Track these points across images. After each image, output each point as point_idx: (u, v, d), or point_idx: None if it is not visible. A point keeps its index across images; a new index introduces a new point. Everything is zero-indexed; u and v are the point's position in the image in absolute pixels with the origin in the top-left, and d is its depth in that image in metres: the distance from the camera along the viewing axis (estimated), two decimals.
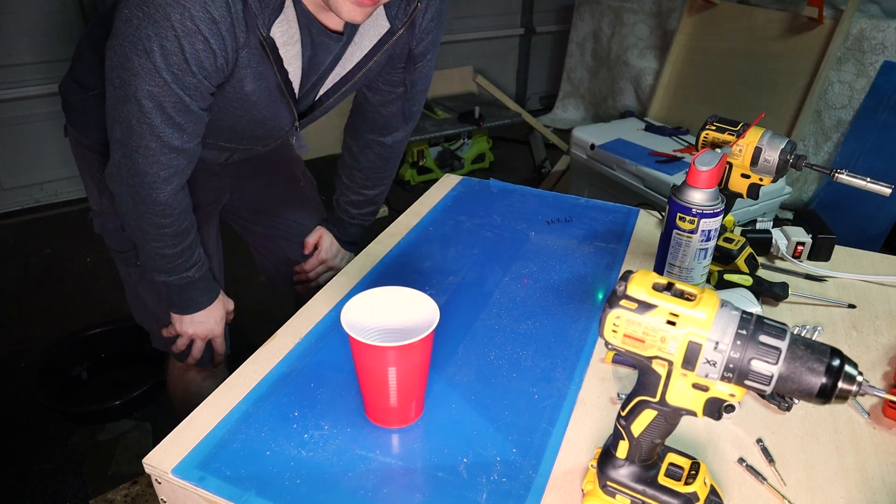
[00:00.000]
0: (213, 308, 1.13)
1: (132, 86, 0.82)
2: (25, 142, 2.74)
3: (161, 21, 0.78)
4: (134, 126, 0.86)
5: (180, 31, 0.79)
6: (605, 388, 0.82)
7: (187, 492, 0.68)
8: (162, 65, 0.81)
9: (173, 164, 0.92)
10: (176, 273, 1.04)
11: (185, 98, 0.85)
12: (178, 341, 1.14)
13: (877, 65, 2.47)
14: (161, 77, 0.82)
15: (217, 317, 1.15)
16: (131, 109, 0.85)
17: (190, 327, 1.12)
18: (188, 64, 0.82)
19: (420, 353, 0.70)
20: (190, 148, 0.92)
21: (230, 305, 1.19)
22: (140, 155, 0.89)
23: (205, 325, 1.13)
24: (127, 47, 0.80)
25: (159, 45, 0.79)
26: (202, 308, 1.11)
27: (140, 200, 0.94)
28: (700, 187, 0.87)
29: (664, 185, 2.22)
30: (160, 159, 0.90)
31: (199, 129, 0.92)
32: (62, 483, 1.59)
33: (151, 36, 0.78)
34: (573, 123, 3.89)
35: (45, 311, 2.21)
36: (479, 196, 1.30)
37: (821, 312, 0.97)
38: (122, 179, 0.92)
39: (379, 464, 0.69)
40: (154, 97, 0.83)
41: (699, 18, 3.02)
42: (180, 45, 0.80)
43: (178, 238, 1.00)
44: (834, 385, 0.49)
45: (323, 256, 1.35)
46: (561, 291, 1.00)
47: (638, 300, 0.54)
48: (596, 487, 0.64)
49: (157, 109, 0.85)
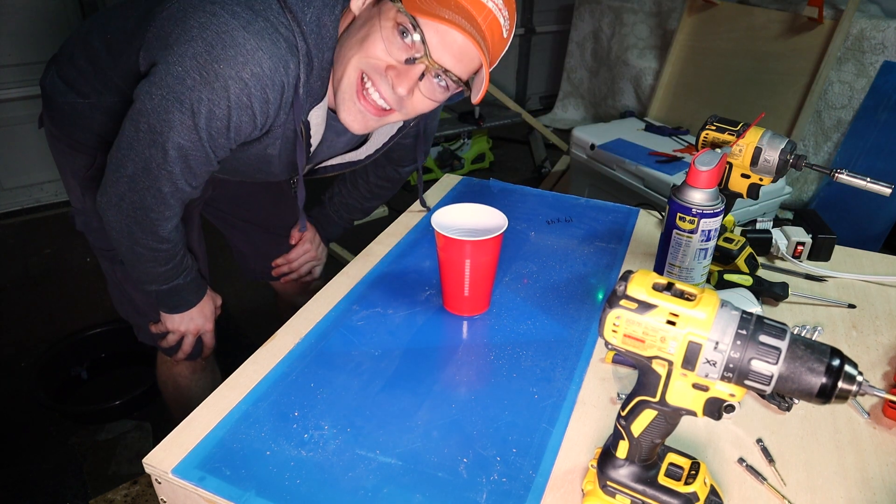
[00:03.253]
0: (202, 304, 1.13)
1: (164, 135, 0.84)
2: (25, 142, 2.74)
3: (219, 91, 0.81)
4: (153, 169, 0.88)
5: (234, 103, 0.82)
6: (605, 388, 0.82)
7: (187, 492, 0.68)
8: (203, 125, 0.83)
9: (178, 205, 0.95)
10: (166, 283, 1.05)
11: (211, 154, 0.88)
12: (168, 337, 1.15)
13: (877, 65, 2.47)
14: (197, 135, 0.84)
15: (207, 312, 1.15)
16: (154, 154, 0.86)
17: (181, 324, 1.13)
18: (229, 130, 0.85)
19: (490, 251, 0.89)
20: (196, 192, 0.95)
21: (218, 300, 1.20)
22: (150, 195, 0.91)
23: (195, 322, 1.14)
24: (170, 101, 0.82)
25: (208, 109, 0.82)
26: (192, 307, 1.12)
27: (139, 230, 0.95)
28: (700, 187, 0.87)
29: (664, 185, 2.21)
30: (169, 201, 0.92)
31: (207, 176, 0.95)
32: (62, 483, 1.59)
33: (203, 100, 0.81)
34: (573, 123, 3.89)
35: (45, 311, 2.21)
36: (479, 196, 1.30)
37: (821, 312, 0.97)
38: (124, 211, 0.93)
39: (379, 464, 0.69)
40: (182, 149, 0.86)
41: (699, 18, 3.02)
42: (229, 114, 0.83)
43: (170, 257, 1.02)
44: (834, 385, 0.49)
45: (308, 247, 1.37)
46: (561, 291, 1.00)
47: (638, 300, 0.54)
48: (596, 487, 0.64)
49: (181, 160, 0.87)
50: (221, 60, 0.79)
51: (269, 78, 0.82)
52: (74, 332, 1.96)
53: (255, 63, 0.80)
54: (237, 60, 0.79)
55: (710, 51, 2.97)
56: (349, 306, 0.96)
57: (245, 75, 0.80)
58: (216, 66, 0.79)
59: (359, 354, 0.86)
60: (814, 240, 1.08)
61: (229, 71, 0.79)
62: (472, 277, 0.90)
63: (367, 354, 0.86)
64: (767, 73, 2.73)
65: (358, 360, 0.85)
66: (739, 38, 2.85)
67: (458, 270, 0.90)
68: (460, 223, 0.94)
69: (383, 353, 0.86)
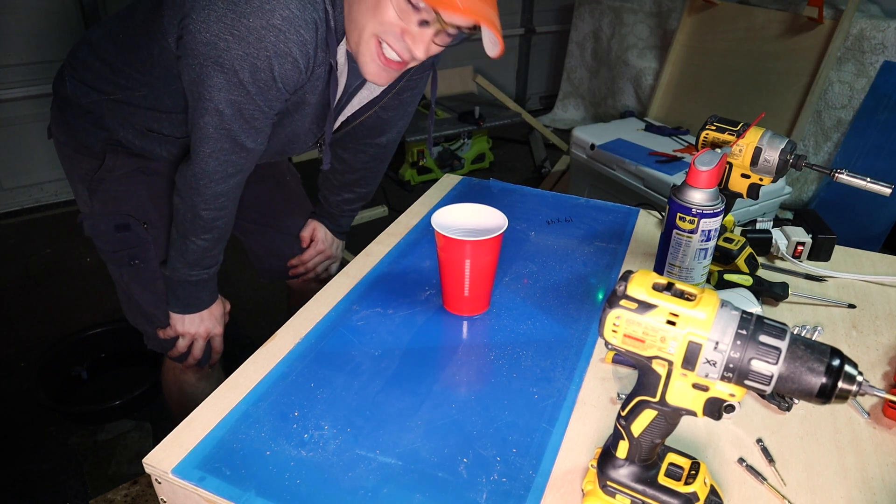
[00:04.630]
0: (213, 307, 1.14)
1: (214, 100, 0.86)
2: (26, 142, 2.74)
3: (255, 44, 0.81)
4: (212, 133, 0.89)
5: (273, 52, 0.82)
6: (605, 388, 0.82)
7: (187, 492, 0.68)
8: (249, 80, 0.84)
9: (241, 162, 0.96)
10: (200, 268, 1.06)
11: (265, 108, 0.89)
12: (179, 343, 1.15)
13: (877, 65, 2.47)
14: (246, 90, 0.85)
15: (217, 315, 1.16)
16: (208, 120, 0.88)
17: (192, 327, 1.13)
18: (275, 80, 0.86)
19: (490, 251, 0.89)
20: (260, 149, 0.96)
21: (227, 305, 1.21)
22: (214, 159, 0.92)
23: (206, 325, 1.14)
24: (208, 67, 0.83)
25: (250, 64, 0.82)
26: (205, 307, 1.12)
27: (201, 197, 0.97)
28: (700, 187, 0.87)
29: (664, 185, 2.22)
30: (230, 158, 0.93)
31: (269, 131, 0.95)
32: (62, 483, 1.59)
33: (242, 56, 0.81)
34: (573, 123, 3.89)
35: (45, 311, 2.21)
36: (479, 196, 1.30)
37: (821, 312, 0.97)
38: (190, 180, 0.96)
39: (379, 464, 0.69)
40: (235, 105, 0.87)
41: (699, 18, 3.02)
42: (271, 64, 0.83)
43: (224, 232, 1.04)
44: (834, 385, 0.49)
45: (321, 247, 1.38)
46: (561, 291, 1.00)
47: (638, 300, 0.54)
48: (596, 487, 0.64)
49: (237, 117, 0.88)
50: (248, 14, 0.79)
51: (301, 18, 0.81)
52: (74, 332, 1.96)
53: (283, 6, 0.80)
54: (264, 9, 0.79)
55: (710, 51, 2.97)
56: (349, 306, 0.96)
57: (276, 21, 0.79)
58: (245, 21, 0.79)
59: (359, 354, 0.86)
60: (814, 240, 1.08)
61: (259, 21, 0.79)
62: (472, 277, 0.90)
63: (367, 354, 0.86)
64: (767, 73, 2.74)
65: (358, 360, 0.85)
66: (739, 38, 2.85)
67: (458, 270, 0.90)
68: (460, 223, 0.94)
69: (383, 353, 0.86)
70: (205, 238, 1.02)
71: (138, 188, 1.10)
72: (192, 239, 1.02)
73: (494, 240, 0.88)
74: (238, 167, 0.97)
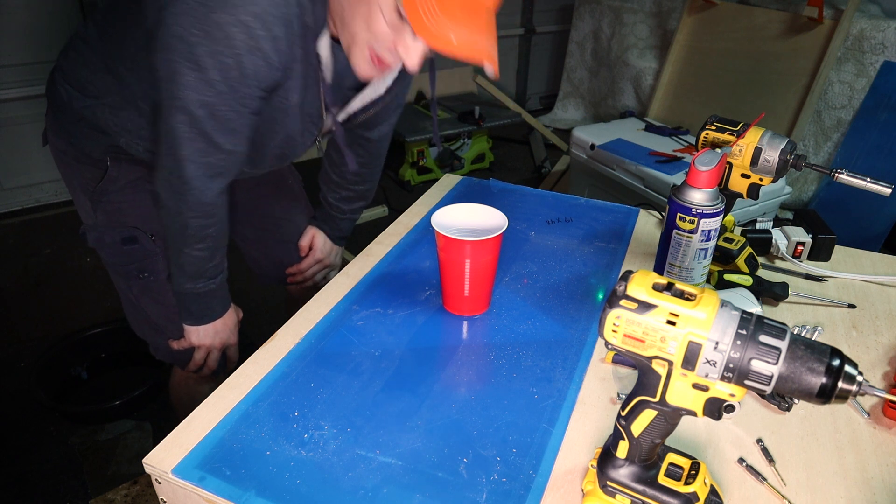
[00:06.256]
0: (227, 317, 1.12)
1: (183, 98, 0.84)
2: (25, 142, 2.74)
3: (222, 40, 0.79)
4: (186, 133, 0.87)
5: (241, 48, 0.80)
6: (605, 388, 0.82)
7: (187, 492, 0.68)
8: (218, 78, 0.82)
9: (221, 164, 0.93)
10: (204, 279, 1.03)
11: (238, 106, 0.87)
12: (196, 355, 1.13)
13: (877, 65, 2.47)
14: (215, 90, 0.83)
15: (231, 325, 1.14)
16: (182, 119, 0.86)
17: (206, 338, 1.11)
18: (245, 77, 0.84)
19: (490, 251, 0.89)
20: (239, 151, 0.93)
21: (240, 314, 1.19)
22: (191, 162, 0.90)
23: (221, 335, 1.12)
24: (178, 63, 0.81)
25: (217, 61, 0.80)
26: (218, 317, 1.10)
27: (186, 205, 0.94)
28: (700, 187, 0.87)
29: (664, 185, 2.22)
30: (208, 160, 0.91)
31: (248, 132, 0.93)
32: (62, 483, 1.59)
33: (209, 53, 0.79)
34: (573, 123, 3.89)
35: (45, 311, 2.21)
36: (479, 196, 1.30)
37: (821, 312, 0.97)
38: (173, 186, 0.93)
39: (379, 464, 0.69)
40: (207, 106, 0.85)
41: (699, 18, 3.02)
42: (240, 62, 0.81)
43: (219, 241, 1.01)
44: (834, 385, 0.49)
45: (319, 256, 1.36)
46: (561, 291, 1.00)
47: (638, 300, 0.54)
48: (596, 487, 0.64)
49: (210, 118, 0.86)
50: (217, 9, 0.77)
51: (271, 13, 0.80)
52: (74, 332, 1.96)
53: (252, 2, 0.78)
54: (233, 4, 0.77)
55: (710, 51, 2.97)
56: (349, 306, 0.96)
57: (244, 17, 0.78)
58: (213, 16, 0.77)
59: (359, 354, 0.86)
60: (814, 240, 1.08)
61: (227, 17, 0.77)
62: (472, 277, 0.90)
63: (367, 354, 0.86)
64: (767, 73, 2.74)
65: (358, 360, 0.85)
66: (739, 38, 2.85)
67: (458, 270, 0.90)
68: (460, 223, 0.94)
69: (383, 353, 0.86)
70: (199, 248, 0.99)
71: (144, 198, 1.07)
72: (187, 251, 0.99)
73: (494, 240, 0.88)
74: (218, 170, 0.93)
